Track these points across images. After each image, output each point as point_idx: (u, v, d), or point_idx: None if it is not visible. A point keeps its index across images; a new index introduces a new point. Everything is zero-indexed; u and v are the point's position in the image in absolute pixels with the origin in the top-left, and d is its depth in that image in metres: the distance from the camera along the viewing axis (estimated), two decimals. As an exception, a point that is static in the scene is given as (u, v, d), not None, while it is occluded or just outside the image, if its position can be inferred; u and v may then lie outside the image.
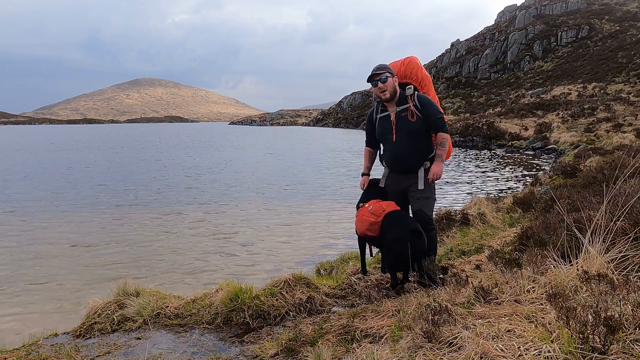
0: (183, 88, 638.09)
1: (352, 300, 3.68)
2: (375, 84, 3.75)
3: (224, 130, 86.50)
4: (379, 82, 3.73)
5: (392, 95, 3.78)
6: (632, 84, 42.47)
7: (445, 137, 3.78)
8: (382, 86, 3.74)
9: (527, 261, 3.06)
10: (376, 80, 3.74)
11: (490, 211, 6.92)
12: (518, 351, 1.92)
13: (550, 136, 25.04)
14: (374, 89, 3.81)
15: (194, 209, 11.36)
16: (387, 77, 3.73)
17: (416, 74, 3.95)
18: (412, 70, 3.94)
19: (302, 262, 6.78)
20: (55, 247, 7.98)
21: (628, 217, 3.15)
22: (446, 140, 3.78)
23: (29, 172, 20.02)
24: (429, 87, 4.02)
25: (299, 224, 9.57)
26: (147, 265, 6.98)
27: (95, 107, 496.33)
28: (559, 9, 78.64)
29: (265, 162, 24.53)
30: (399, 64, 3.97)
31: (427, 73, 4.06)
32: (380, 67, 3.79)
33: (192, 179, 17.29)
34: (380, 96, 3.81)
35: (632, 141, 15.70)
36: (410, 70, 3.94)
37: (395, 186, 3.96)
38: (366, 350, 2.36)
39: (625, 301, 2.08)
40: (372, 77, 3.77)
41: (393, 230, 3.63)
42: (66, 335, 3.35)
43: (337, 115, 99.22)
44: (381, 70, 3.75)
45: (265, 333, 3.15)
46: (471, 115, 44.21)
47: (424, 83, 3.98)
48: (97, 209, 11.47)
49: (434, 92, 4.06)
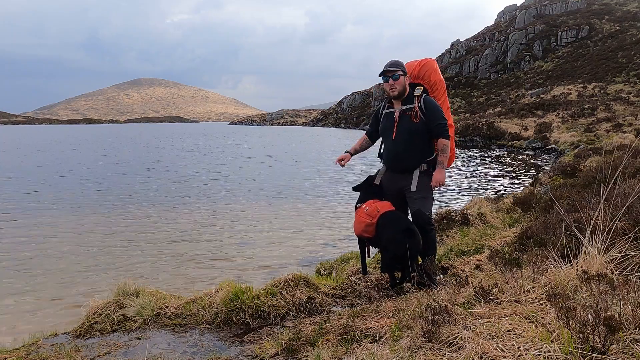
0: (183, 88, 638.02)
1: (352, 300, 3.68)
2: (387, 79, 3.77)
3: (225, 131, 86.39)
4: (391, 78, 3.74)
5: (400, 93, 3.79)
6: (632, 84, 42.49)
7: (446, 143, 3.77)
8: (392, 83, 3.75)
9: (527, 261, 3.06)
10: (388, 76, 3.75)
11: (490, 211, 6.92)
12: (518, 351, 1.92)
13: (550, 136, 25.04)
14: (384, 84, 3.83)
15: (194, 209, 11.36)
16: (400, 75, 3.74)
17: (429, 77, 3.94)
18: (426, 72, 3.94)
19: (302, 262, 6.79)
20: (55, 247, 7.97)
21: (628, 217, 3.15)
22: (447, 147, 3.78)
23: (29, 172, 20.02)
24: (441, 92, 4.00)
25: (299, 224, 9.57)
26: (147, 265, 6.98)
27: (95, 107, 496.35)
28: (559, 9, 78.66)
29: (266, 162, 24.53)
30: (415, 64, 3.98)
31: (442, 78, 4.04)
32: (395, 63, 3.79)
33: (193, 179, 17.28)
34: (389, 92, 3.83)
35: (632, 141, 15.70)
36: (424, 72, 3.94)
37: (392, 185, 3.96)
38: (366, 350, 2.36)
39: (625, 301, 2.08)
40: (384, 73, 3.77)
41: (387, 231, 3.63)
42: (66, 335, 3.35)
43: (337, 115, 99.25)
44: (395, 68, 3.75)
45: (265, 333, 3.15)
46: (471, 115, 44.22)
47: (436, 87, 3.97)
48: (97, 208, 11.47)
49: (445, 98, 4.02)
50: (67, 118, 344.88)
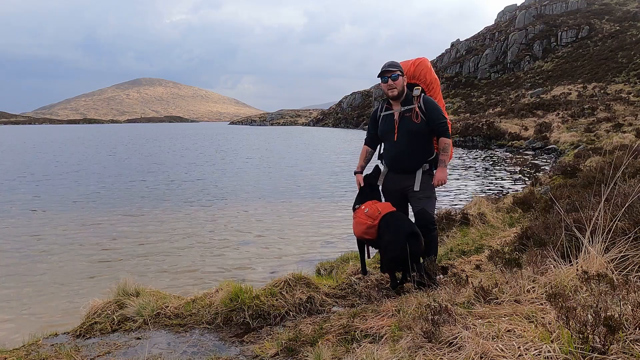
0: (183, 88, 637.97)
1: (352, 300, 3.68)
2: (386, 80, 3.76)
3: (225, 131, 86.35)
4: (390, 79, 3.74)
5: (399, 94, 3.79)
6: (632, 84, 42.50)
7: (448, 142, 3.79)
8: (392, 83, 3.74)
9: (527, 261, 3.06)
10: (387, 77, 3.75)
11: (490, 211, 6.92)
12: (518, 351, 1.92)
13: (550, 136, 25.03)
14: (382, 85, 3.82)
15: (194, 209, 11.35)
16: (398, 76, 3.74)
17: (425, 76, 3.95)
18: (421, 71, 3.94)
19: (302, 262, 6.78)
20: (55, 247, 7.97)
21: (628, 217, 3.15)
22: (448, 146, 3.79)
23: (25, 172, 20.02)
24: (437, 91, 4.01)
25: (300, 224, 9.57)
26: (147, 265, 6.98)
27: (95, 107, 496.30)
28: (559, 9, 78.66)
29: (266, 162, 24.52)
30: (410, 64, 3.97)
31: (436, 76, 4.06)
32: (393, 64, 3.79)
33: (193, 179, 17.28)
34: (387, 93, 3.81)
35: (632, 141, 15.69)
36: (419, 72, 3.94)
37: (394, 186, 3.95)
38: (366, 350, 2.36)
39: (625, 301, 2.08)
40: (383, 73, 3.77)
41: (390, 233, 3.61)
42: (66, 335, 3.34)
43: (337, 115, 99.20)
44: (393, 68, 3.75)
45: (265, 333, 3.15)
46: (471, 115, 44.21)
47: (432, 86, 3.98)
48: (97, 208, 11.47)
49: (441, 96, 4.05)
50: (67, 118, 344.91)
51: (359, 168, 4.17)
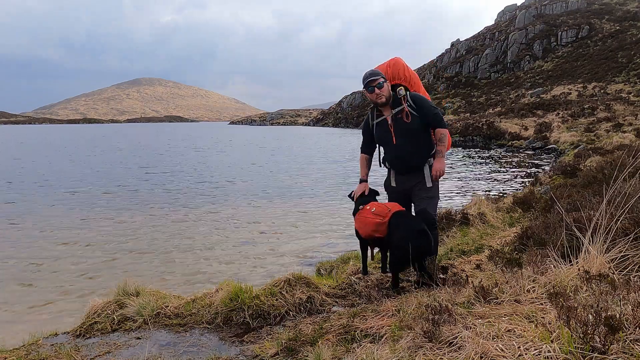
0: (183, 88, 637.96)
1: (352, 300, 3.68)
2: (372, 90, 3.74)
3: (225, 132, 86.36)
4: (376, 88, 3.72)
5: (387, 99, 3.78)
6: (632, 83, 42.50)
7: (444, 132, 3.80)
8: (379, 92, 3.73)
9: (527, 261, 3.06)
10: (373, 87, 3.73)
11: (490, 211, 6.91)
12: (518, 351, 1.92)
13: (550, 136, 25.02)
14: (369, 95, 3.80)
15: (194, 209, 11.35)
16: (383, 83, 3.73)
17: (404, 74, 3.94)
18: (398, 70, 3.93)
19: (302, 262, 6.78)
20: (55, 246, 7.97)
21: (628, 217, 3.15)
22: (445, 136, 3.80)
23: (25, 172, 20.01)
24: (418, 85, 4.02)
25: (300, 224, 9.56)
26: (147, 265, 6.98)
27: (95, 107, 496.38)
28: (559, 9, 78.62)
29: (266, 162, 24.52)
30: (385, 66, 3.96)
31: (413, 71, 4.06)
32: (374, 72, 3.78)
33: (193, 179, 17.28)
34: (376, 102, 3.80)
35: (632, 141, 15.69)
36: (397, 71, 3.93)
37: (402, 185, 3.96)
38: (366, 350, 2.36)
39: (625, 301, 2.08)
40: (368, 84, 3.75)
41: (400, 231, 3.62)
42: (66, 335, 3.34)
43: (337, 115, 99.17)
44: (376, 76, 3.74)
45: (265, 333, 3.15)
46: (471, 115, 44.19)
47: (413, 81, 3.98)
48: (98, 209, 11.47)
49: (423, 89, 4.06)
50: (67, 118, 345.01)
51: (363, 176, 4.18)
